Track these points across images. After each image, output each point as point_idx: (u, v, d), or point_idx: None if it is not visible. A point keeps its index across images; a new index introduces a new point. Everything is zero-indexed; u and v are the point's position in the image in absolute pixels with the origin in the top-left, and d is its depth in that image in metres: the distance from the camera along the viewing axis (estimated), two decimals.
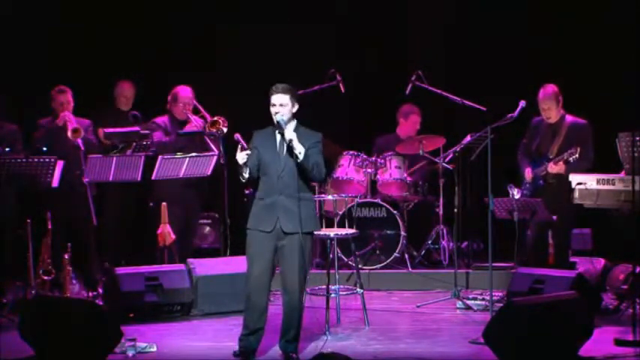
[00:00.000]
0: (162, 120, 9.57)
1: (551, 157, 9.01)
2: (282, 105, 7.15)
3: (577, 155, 8.71)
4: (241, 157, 7.07)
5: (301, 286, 7.23)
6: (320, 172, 7.20)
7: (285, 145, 7.15)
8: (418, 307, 8.97)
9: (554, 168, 8.92)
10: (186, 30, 11.06)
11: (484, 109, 9.58)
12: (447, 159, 10.05)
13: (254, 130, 7.34)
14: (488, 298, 8.36)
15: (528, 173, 9.12)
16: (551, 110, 9.05)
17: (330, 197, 9.46)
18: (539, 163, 9.08)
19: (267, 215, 7.17)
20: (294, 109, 7.22)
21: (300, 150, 7.08)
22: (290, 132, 7.13)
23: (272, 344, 7.46)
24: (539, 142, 9.16)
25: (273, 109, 7.17)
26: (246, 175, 7.16)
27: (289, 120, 7.19)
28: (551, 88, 9.06)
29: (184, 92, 9.59)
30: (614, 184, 8.40)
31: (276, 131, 7.19)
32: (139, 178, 9.01)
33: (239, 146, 7.12)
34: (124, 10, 10.85)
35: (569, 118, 9.09)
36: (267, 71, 10.53)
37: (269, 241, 7.17)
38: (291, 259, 7.17)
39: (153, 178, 9.06)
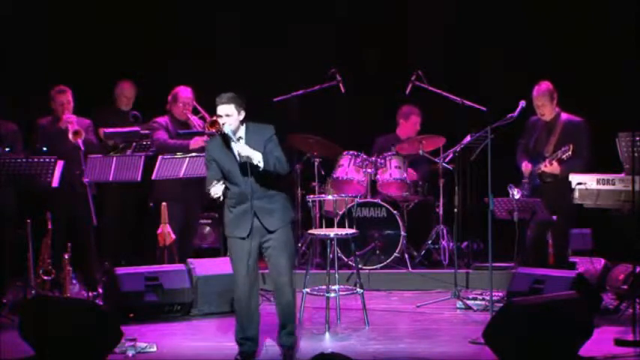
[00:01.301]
0: (163, 120, 9.57)
1: (547, 155, 9.01)
2: (227, 115, 7.09)
3: (570, 153, 8.72)
4: (218, 190, 6.99)
5: (292, 278, 7.27)
6: (283, 166, 7.14)
7: (240, 157, 7.08)
8: (418, 307, 8.97)
9: (548, 167, 8.93)
10: (186, 30, 11.06)
11: (484, 109, 9.59)
12: (447, 159, 10.06)
13: None
14: (488, 298, 8.36)
15: (526, 166, 9.12)
16: (545, 107, 9.06)
17: (330, 197, 9.46)
18: (536, 161, 9.09)
19: (242, 222, 7.15)
20: (241, 117, 7.14)
21: (258, 159, 7.01)
22: (243, 148, 7.02)
23: (269, 344, 7.49)
24: (535, 140, 9.18)
25: (220, 120, 7.12)
26: (222, 198, 7.12)
27: (237, 127, 7.13)
28: (545, 85, 9.07)
29: (184, 92, 9.59)
30: (614, 184, 8.39)
31: (231, 140, 7.12)
32: (139, 178, 9.00)
33: (214, 181, 7.04)
34: (125, 9, 10.85)
35: (564, 115, 9.10)
36: (268, 71, 10.55)
37: (248, 245, 7.15)
38: (280, 254, 7.20)
39: (153, 178, 9.06)
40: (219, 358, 7.37)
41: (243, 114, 7.15)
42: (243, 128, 7.16)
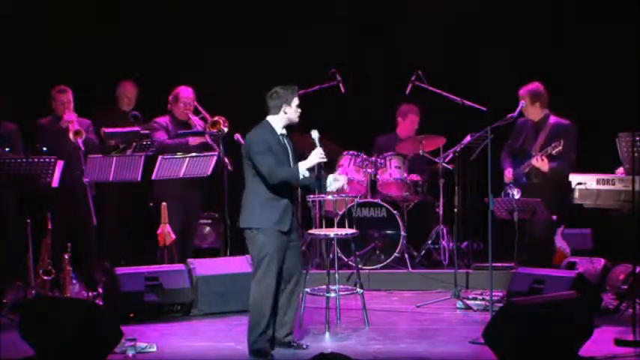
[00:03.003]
0: (164, 120, 9.57)
1: (534, 154, 9.03)
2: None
3: (560, 148, 8.74)
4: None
5: None
6: None
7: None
8: (418, 307, 8.97)
9: (539, 162, 8.94)
10: (187, 30, 11.05)
11: (484, 109, 9.59)
12: (447, 159, 10.05)
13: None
14: (488, 298, 8.36)
15: (508, 174, 9.17)
16: (526, 108, 9.11)
17: (330, 197, 9.44)
18: (523, 161, 9.11)
19: (285, 215, 7.22)
20: None
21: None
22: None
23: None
24: (522, 140, 9.22)
25: (298, 110, 7.32)
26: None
27: None
28: (531, 86, 9.15)
29: (185, 92, 9.59)
30: (614, 184, 8.40)
31: (282, 134, 7.33)
32: (139, 178, 9.01)
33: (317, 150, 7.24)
34: (125, 9, 10.86)
35: (552, 118, 9.15)
36: (268, 71, 10.54)
37: (285, 242, 7.24)
38: (298, 256, 7.40)
39: (153, 178, 9.06)
40: (219, 358, 7.37)
41: None
42: None
